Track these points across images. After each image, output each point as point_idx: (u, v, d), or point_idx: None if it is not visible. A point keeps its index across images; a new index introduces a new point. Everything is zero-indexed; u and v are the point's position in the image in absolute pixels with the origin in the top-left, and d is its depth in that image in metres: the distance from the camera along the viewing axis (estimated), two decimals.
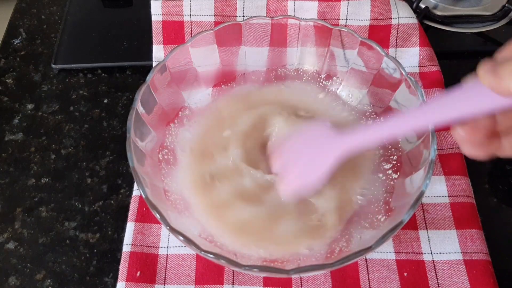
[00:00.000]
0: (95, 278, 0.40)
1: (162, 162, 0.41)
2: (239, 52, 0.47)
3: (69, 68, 0.55)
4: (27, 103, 0.52)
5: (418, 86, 0.39)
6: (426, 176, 0.34)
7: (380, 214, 0.38)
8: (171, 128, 0.44)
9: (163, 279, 0.39)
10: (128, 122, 0.37)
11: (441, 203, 0.42)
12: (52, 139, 0.49)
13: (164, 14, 0.52)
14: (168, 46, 0.53)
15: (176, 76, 0.43)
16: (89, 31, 0.58)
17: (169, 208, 0.37)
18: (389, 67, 0.42)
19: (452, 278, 0.39)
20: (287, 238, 0.38)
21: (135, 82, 0.54)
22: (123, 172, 0.47)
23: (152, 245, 0.41)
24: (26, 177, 0.47)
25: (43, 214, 0.44)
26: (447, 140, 0.46)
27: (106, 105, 0.52)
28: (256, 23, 0.46)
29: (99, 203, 0.45)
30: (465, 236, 0.40)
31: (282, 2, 0.53)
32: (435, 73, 0.51)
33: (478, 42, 0.56)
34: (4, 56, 0.57)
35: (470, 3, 0.60)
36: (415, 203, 0.33)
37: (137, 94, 0.39)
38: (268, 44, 0.47)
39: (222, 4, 0.52)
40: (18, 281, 0.40)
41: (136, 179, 0.34)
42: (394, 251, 0.40)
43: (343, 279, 0.39)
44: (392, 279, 0.39)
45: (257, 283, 0.39)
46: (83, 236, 0.43)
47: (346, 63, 0.46)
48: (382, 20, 0.52)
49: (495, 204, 0.44)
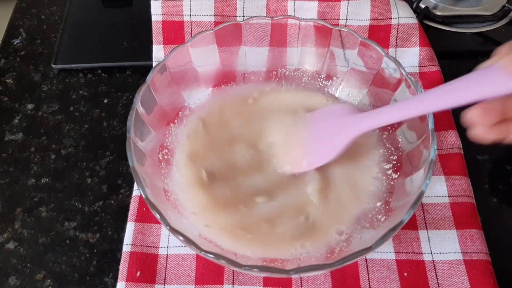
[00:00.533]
0: (95, 278, 0.40)
1: (162, 162, 0.41)
2: (239, 52, 0.47)
3: (69, 68, 0.55)
4: (27, 103, 0.52)
5: (418, 86, 0.39)
6: (426, 176, 0.34)
7: (380, 214, 0.38)
8: (171, 128, 0.44)
9: (163, 279, 0.39)
10: (128, 122, 0.37)
11: (441, 203, 0.42)
12: (52, 139, 0.49)
13: (164, 14, 0.52)
14: (168, 46, 0.53)
15: (176, 76, 0.43)
16: (89, 31, 0.58)
17: (169, 208, 0.37)
18: (389, 67, 0.42)
19: (452, 278, 0.39)
20: (284, 238, 0.38)
21: (135, 82, 0.54)
22: (123, 172, 0.47)
23: (152, 245, 0.41)
24: (26, 177, 0.47)
25: (43, 214, 0.44)
26: (447, 140, 0.46)
27: (106, 105, 0.52)
28: (256, 23, 0.46)
29: (99, 203, 0.45)
30: (465, 236, 0.40)
31: (282, 2, 0.53)
32: (435, 73, 0.51)
33: (478, 42, 0.56)
34: (4, 56, 0.57)
35: (470, 3, 0.60)
36: (415, 203, 0.33)
37: (137, 94, 0.39)
38: (268, 44, 0.47)
39: (222, 4, 0.52)
40: (18, 281, 0.40)
41: (136, 179, 0.34)
42: (394, 251, 0.40)
43: (343, 279, 0.39)
44: (392, 279, 0.39)
45: (257, 283, 0.39)
46: (83, 236, 0.43)
47: (346, 63, 0.46)
48: (382, 20, 0.52)
49: (495, 204, 0.44)
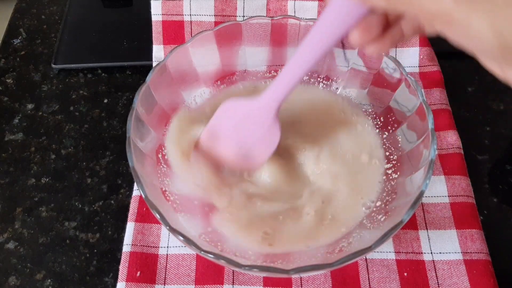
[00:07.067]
0: (95, 278, 0.40)
1: (162, 162, 0.41)
2: (239, 52, 0.47)
3: (69, 68, 0.55)
4: (27, 103, 0.52)
5: (418, 86, 0.39)
6: (426, 176, 0.34)
7: (380, 214, 0.38)
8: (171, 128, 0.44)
9: (163, 279, 0.39)
10: (128, 122, 0.37)
11: (441, 203, 0.42)
12: (52, 139, 0.49)
13: (164, 14, 0.52)
14: (168, 46, 0.53)
15: (176, 76, 0.43)
16: (89, 31, 0.58)
17: (169, 208, 0.37)
18: (389, 67, 0.42)
19: (452, 278, 0.39)
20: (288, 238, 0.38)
21: (135, 82, 0.54)
22: (123, 172, 0.47)
23: (152, 245, 0.41)
24: (26, 177, 0.47)
25: (43, 214, 0.44)
26: (447, 140, 0.46)
27: (106, 105, 0.52)
28: (256, 23, 0.46)
29: (99, 203, 0.45)
30: (465, 236, 0.40)
31: (282, 2, 0.53)
32: (435, 73, 0.51)
33: None
34: (4, 56, 0.57)
35: None
36: (415, 203, 0.33)
37: (137, 94, 0.39)
38: (268, 44, 0.47)
39: (222, 4, 0.52)
40: (18, 281, 0.40)
41: (136, 179, 0.34)
42: (394, 251, 0.40)
43: (343, 279, 0.39)
44: (392, 279, 0.39)
45: (257, 283, 0.39)
46: (83, 236, 0.43)
47: (346, 63, 0.46)
48: None
49: (495, 204, 0.44)
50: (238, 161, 0.40)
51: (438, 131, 0.46)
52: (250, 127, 0.39)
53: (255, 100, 0.38)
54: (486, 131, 0.49)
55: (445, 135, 0.46)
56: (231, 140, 0.40)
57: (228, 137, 0.40)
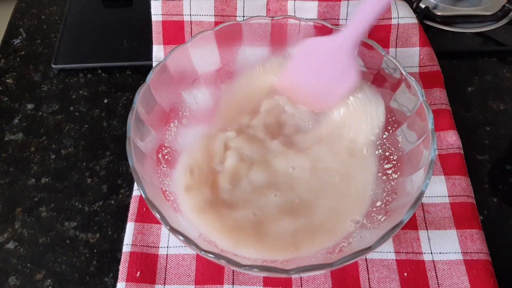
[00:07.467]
0: (95, 278, 0.40)
1: (162, 162, 0.41)
2: (239, 52, 0.47)
3: (69, 68, 0.55)
4: (27, 103, 0.52)
5: (418, 86, 0.39)
6: (426, 176, 0.34)
7: (380, 214, 0.38)
8: (170, 128, 0.44)
9: (163, 279, 0.39)
10: (128, 122, 0.37)
11: (441, 203, 0.42)
12: (52, 139, 0.49)
13: (164, 14, 0.52)
14: (168, 46, 0.53)
15: (176, 76, 0.43)
16: (89, 31, 0.58)
17: (169, 208, 0.37)
18: (389, 67, 0.42)
19: (452, 278, 0.39)
20: (285, 239, 0.38)
21: (135, 82, 0.54)
22: (123, 172, 0.47)
23: (152, 245, 0.41)
24: (26, 177, 0.47)
25: (43, 214, 0.44)
26: (447, 140, 0.46)
27: (106, 105, 0.52)
28: (256, 23, 0.46)
29: (99, 203, 0.45)
30: (465, 236, 0.40)
31: (282, 2, 0.53)
32: (435, 73, 0.51)
33: (478, 42, 0.56)
34: (4, 56, 0.57)
35: (470, 3, 0.60)
36: (415, 203, 0.33)
37: (137, 94, 0.39)
38: (268, 44, 0.47)
39: (222, 4, 0.52)
40: (18, 281, 0.40)
41: (136, 179, 0.34)
42: (394, 251, 0.40)
43: (343, 279, 0.39)
44: (392, 279, 0.39)
45: (257, 283, 0.39)
46: (83, 236, 0.43)
47: None
48: (382, 20, 0.52)
49: (495, 204, 0.44)
50: (313, 99, 0.44)
51: (438, 131, 0.46)
52: (326, 65, 0.42)
53: (332, 38, 0.41)
54: (486, 131, 0.49)
55: (445, 135, 0.46)
56: (308, 78, 0.43)
57: (305, 76, 0.43)
